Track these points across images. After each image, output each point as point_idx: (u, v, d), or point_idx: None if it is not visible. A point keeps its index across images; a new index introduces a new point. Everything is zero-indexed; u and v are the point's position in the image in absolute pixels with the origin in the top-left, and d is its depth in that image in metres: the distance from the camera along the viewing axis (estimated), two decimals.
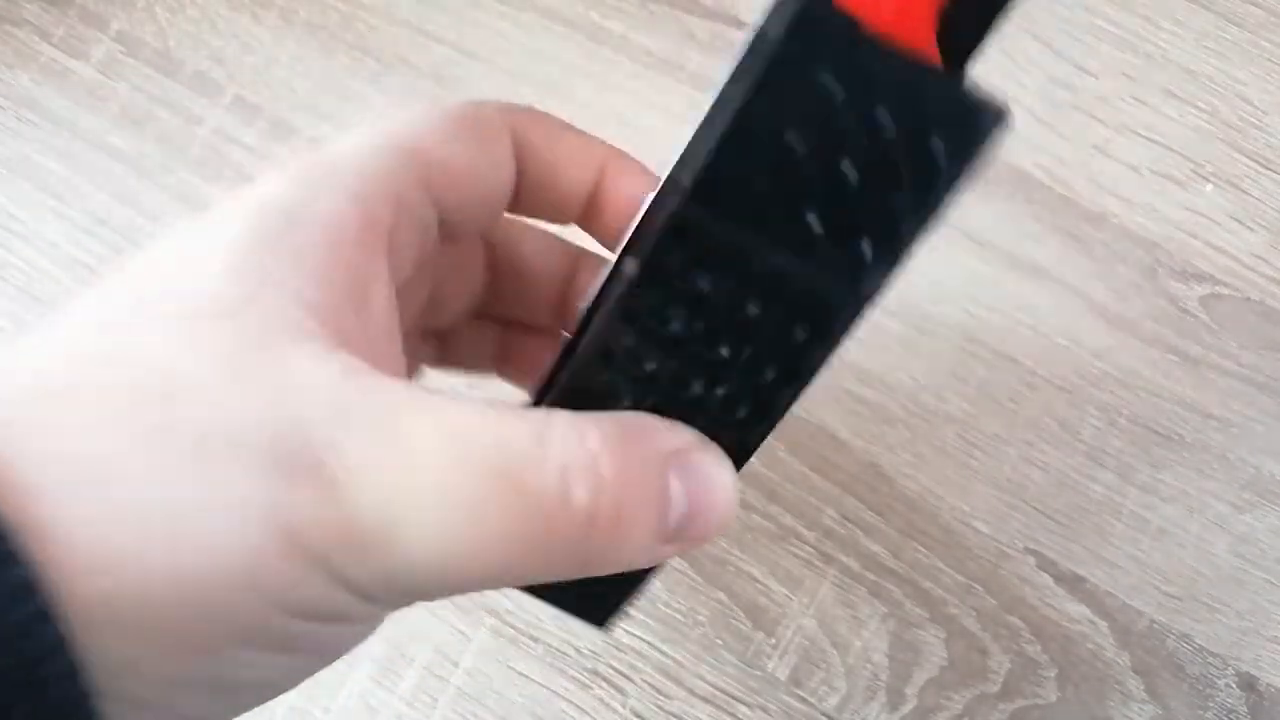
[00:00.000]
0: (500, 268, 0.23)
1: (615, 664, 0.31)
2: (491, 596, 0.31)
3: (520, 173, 0.20)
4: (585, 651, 0.31)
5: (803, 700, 0.31)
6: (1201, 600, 0.31)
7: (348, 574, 0.14)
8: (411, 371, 0.23)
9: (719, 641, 0.31)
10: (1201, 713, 0.30)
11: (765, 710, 0.31)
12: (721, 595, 0.31)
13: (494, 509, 0.14)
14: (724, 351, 0.16)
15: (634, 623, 0.31)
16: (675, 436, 0.17)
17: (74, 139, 0.35)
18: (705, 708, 0.31)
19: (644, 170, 0.21)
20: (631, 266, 0.16)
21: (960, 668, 0.31)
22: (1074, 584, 0.31)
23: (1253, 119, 0.33)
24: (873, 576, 0.31)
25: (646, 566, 0.17)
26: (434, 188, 0.18)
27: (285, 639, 0.15)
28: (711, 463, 0.17)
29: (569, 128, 0.21)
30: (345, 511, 0.14)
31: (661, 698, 0.31)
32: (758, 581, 0.31)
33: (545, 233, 0.23)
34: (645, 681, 0.31)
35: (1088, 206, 0.33)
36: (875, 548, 0.31)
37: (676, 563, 0.31)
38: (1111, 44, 0.34)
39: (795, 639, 0.31)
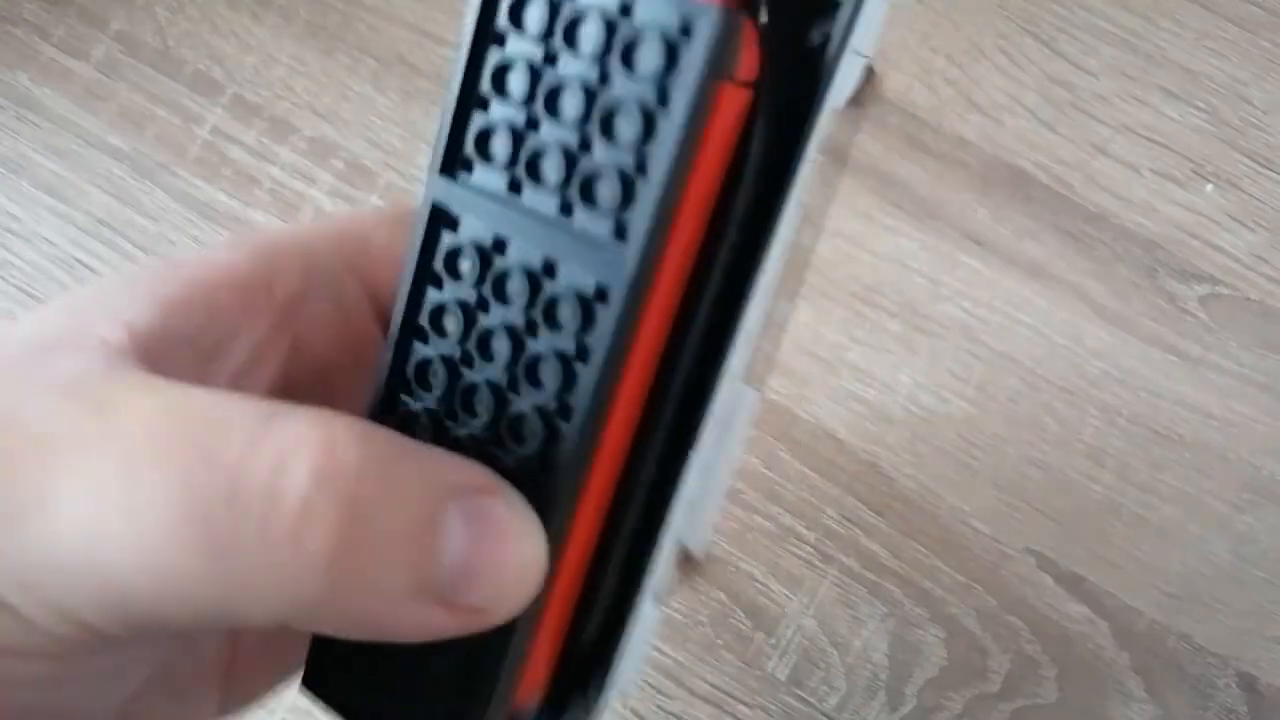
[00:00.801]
0: None
1: None
2: None
3: None
4: None
5: (803, 700, 0.31)
6: (1201, 600, 0.31)
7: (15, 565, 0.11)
8: None
9: (719, 641, 0.31)
10: (1201, 713, 0.30)
11: (765, 710, 0.31)
12: (721, 595, 0.31)
13: (165, 477, 0.11)
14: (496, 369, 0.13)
15: None
16: (468, 471, 0.13)
17: (74, 139, 0.35)
18: (705, 708, 0.31)
19: None
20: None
21: (960, 668, 0.31)
22: (1074, 584, 0.31)
23: (1253, 119, 0.33)
24: (873, 576, 0.31)
25: (411, 636, 0.12)
26: (363, 268, 0.16)
27: None
28: (509, 508, 0.12)
29: None
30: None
31: (661, 697, 0.31)
32: (758, 581, 0.31)
33: None
34: (645, 681, 0.31)
35: (1087, 206, 0.33)
36: (875, 548, 0.31)
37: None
38: (1111, 44, 0.34)
39: (795, 639, 0.31)
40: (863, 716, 0.30)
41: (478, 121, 0.13)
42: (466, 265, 0.13)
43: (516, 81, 0.13)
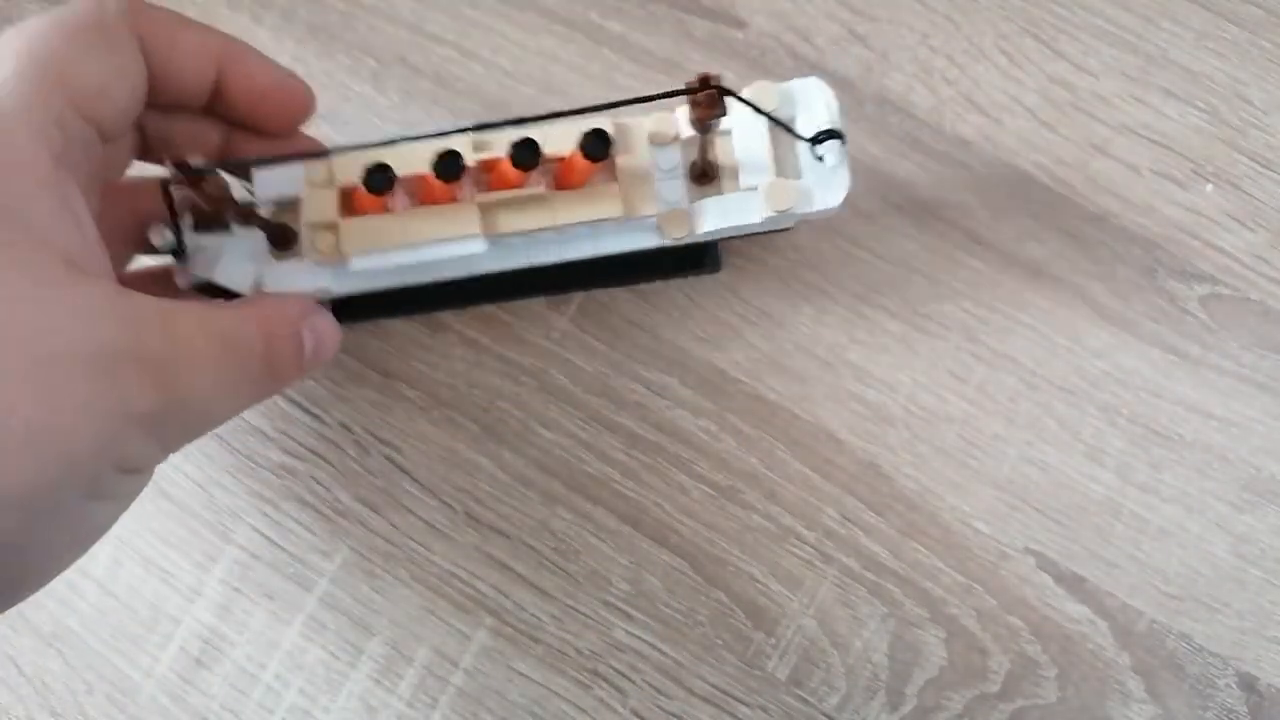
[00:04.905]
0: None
1: (615, 664, 0.31)
2: (491, 596, 0.31)
3: (150, 73, 0.24)
4: (585, 651, 0.31)
5: (803, 700, 0.31)
6: (1201, 600, 0.31)
7: (166, 428, 0.21)
8: (120, 259, 0.27)
9: (719, 641, 0.31)
10: (1201, 713, 0.30)
11: (765, 710, 0.31)
12: (721, 595, 0.31)
13: (232, 365, 0.23)
14: None
15: (634, 623, 0.31)
16: (298, 305, 0.26)
17: None
18: (705, 708, 0.31)
19: (258, 55, 0.26)
20: None
21: (960, 668, 0.31)
22: (1074, 584, 0.31)
23: (1253, 119, 0.33)
24: (873, 576, 0.31)
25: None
26: (82, 109, 0.22)
27: (108, 487, 0.21)
28: (323, 319, 0.26)
29: (185, 21, 0.25)
30: (164, 387, 0.21)
31: (661, 698, 0.31)
32: (758, 581, 0.31)
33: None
34: (645, 681, 0.31)
35: (1088, 206, 0.33)
36: (875, 548, 0.31)
37: (676, 563, 0.31)
38: (1111, 44, 0.34)
39: (795, 639, 0.31)
40: (863, 716, 0.30)
41: None
42: None
43: None
